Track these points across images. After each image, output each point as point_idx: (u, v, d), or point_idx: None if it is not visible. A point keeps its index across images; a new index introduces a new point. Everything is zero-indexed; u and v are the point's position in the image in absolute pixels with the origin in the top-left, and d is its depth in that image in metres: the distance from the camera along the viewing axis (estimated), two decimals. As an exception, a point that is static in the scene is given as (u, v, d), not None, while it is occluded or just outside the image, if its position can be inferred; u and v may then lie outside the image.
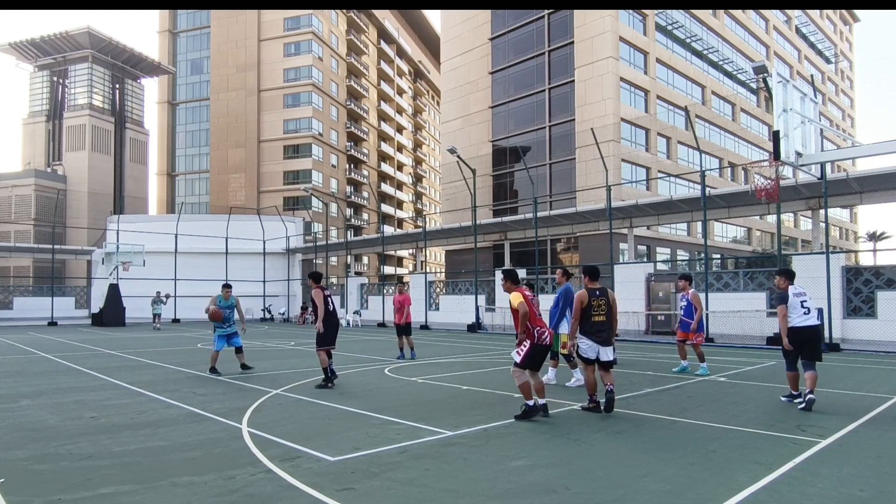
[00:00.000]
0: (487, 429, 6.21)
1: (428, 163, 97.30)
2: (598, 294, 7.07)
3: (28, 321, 33.71)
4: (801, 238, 57.35)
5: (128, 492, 4.24)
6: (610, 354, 7.08)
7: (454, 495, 4.15)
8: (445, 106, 52.12)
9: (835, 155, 10.12)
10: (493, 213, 44.60)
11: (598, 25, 40.04)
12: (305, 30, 64.70)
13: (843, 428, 6.17)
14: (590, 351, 7.04)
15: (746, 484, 4.32)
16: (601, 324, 7.04)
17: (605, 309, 7.07)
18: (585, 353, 7.08)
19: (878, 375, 10.51)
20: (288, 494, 4.17)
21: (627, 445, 5.53)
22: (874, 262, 56.62)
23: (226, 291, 11.26)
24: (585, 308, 7.04)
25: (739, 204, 25.44)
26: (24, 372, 11.49)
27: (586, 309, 7.04)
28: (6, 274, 55.17)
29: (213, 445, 5.60)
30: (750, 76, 51.12)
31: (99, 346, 17.91)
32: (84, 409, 7.55)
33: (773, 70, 8.67)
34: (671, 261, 40.88)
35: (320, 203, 58.29)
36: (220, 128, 66.90)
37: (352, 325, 30.26)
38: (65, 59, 71.26)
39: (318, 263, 42.23)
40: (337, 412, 7.22)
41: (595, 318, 7.03)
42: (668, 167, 43.96)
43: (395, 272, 74.03)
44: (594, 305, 7.04)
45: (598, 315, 7.04)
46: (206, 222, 41.77)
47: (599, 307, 7.05)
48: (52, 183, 67.28)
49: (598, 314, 7.04)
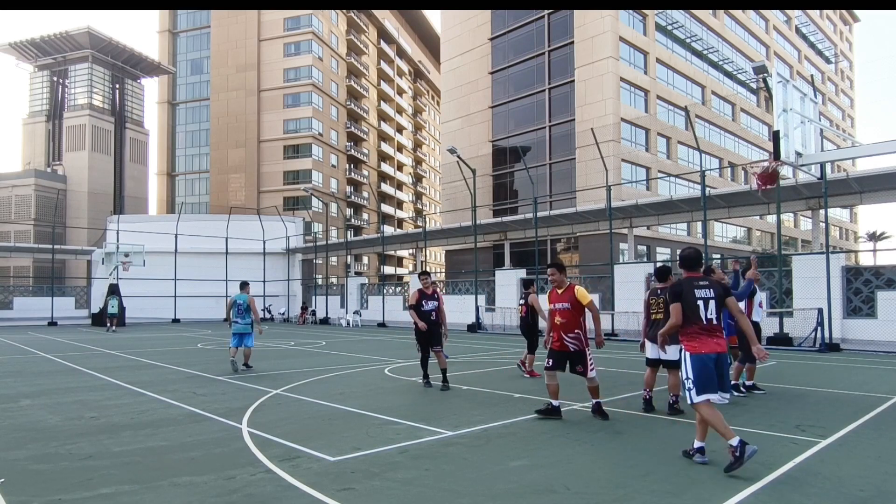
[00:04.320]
0: (487, 429, 6.21)
1: (428, 163, 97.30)
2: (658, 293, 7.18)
3: (28, 321, 33.69)
4: (801, 238, 57.34)
5: (128, 492, 4.24)
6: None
7: (454, 495, 4.15)
8: (445, 106, 52.12)
9: (835, 155, 10.12)
10: (493, 213, 44.59)
11: (598, 25, 40.03)
12: (305, 30, 64.71)
13: (843, 428, 6.17)
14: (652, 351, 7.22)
15: (746, 484, 4.32)
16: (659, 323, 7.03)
17: (663, 307, 7.01)
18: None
19: (878, 375, 10.51)
20: (288, 494, 4.17)
21: (627, 445, 5.53)
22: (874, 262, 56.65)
23: (244, 289, 11.67)
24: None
25: (739, 204, 25.43)
26: (24, 372, 11.49)
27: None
28: (6, 274, 55.16)
29: (213, 445, 5.60)
30: (750, 76, 51.09)
31: (99, 346, 17.91)
32: (84, 409, 7.55)
33: (773, 70, 8.67)
34: (671, 261, 40.85)
35: (320, 203, 58.27)
36: (220, 128, 66.90)
37: (352, 325, 30.26)
38: (65, 59, 71.28)
39: (318, 263, 42.24)
40: (337, 412, 7.22)
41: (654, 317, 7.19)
42: (668, 167, 43.96)
43: (395, 272, 74.02)
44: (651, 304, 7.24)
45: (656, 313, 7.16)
46: (206, 222, 41.76)
47: (658, 305, 7.15)
48: (52, 183, 67.29)
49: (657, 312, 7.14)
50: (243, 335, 11.27)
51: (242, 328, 11.26)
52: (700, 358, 4.81)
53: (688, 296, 4.97)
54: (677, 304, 4.98)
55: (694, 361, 4.83)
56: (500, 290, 27.57)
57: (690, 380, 4.82)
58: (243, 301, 11.34)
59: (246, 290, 11.55)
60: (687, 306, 4.95)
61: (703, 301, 4.94)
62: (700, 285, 5.02)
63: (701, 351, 4.83)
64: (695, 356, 4.84)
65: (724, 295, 5.05)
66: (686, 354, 4.90)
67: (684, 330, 4.98)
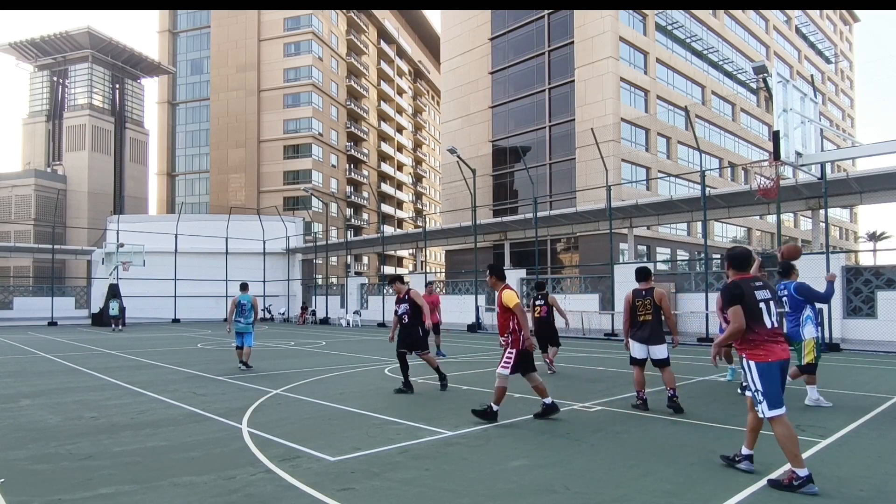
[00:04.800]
0: (487, 429, 6.21)
1: (428, 163, 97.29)
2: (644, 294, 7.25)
3: (28, 321, 33.71)
4: (801, 238, 57.32)
5: (128, 492, 4.24)
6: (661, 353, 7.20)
7: (454, 495, 4.15)
8: (445, 106, 52.11)
9: (835, 155, 10.13)
10: (492, 213, 44.59)
11: (598, 25, 40.03)
12: (305, 30, 64.71)
13: (843, 428, 6.17)
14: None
15: (746, 484, 4.32)
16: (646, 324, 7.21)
17: (650, 308, 7.17)
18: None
19: (878, 375, 10.51)
20: (288, 494, 4.17)
21: (627, 445, 5.53)
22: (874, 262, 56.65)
23: (246, 289, 12.03)
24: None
25: (739, 204, 25.43)
26: (24, 372, 11.49)
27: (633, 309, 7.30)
28: (6, 274, 55.19)
29: (213, 445, 5.60)
30: (750, 76, 51.09)
31: (99, 346, 17.91)
32: (84, 409, 7.55)
33: (773, 70, 8.67)
34: (671, 261, 40.86)
35: (320, 203, 58.28)
36: (220, 128, 66.90)
37: (352, 325, 30.26)
38: (65, 59, 71.28)
39: (318, 263, 42.24)
40: (337, 412, 7.22)
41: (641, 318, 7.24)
42: (668, 167, 43.95)
43: (395, 272, 74.03)
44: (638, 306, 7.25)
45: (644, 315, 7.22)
46: (206, 222, 41.77)
47: (645, 307, 7.20)
48: (52, 183, 67.29)
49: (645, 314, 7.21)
50: (244, 334, 11.56)
51: (244, 328, 11.55)
52: (769, 367, 4.41)
53: (749, 299, 4.48)
54: (738, 308, 4.47)
55: (762, 371, 4.41)
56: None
57: (760, 392, 4.41)
58: (248, 301, 11.66)
59: (247, 291, 11.89)
60: (749, 311, 4.46)
61: (764, 304, 4.51)
62: (757, 286, 4.58)
63: (768, 359, 4.42)
64: (762, 365, 4.42)
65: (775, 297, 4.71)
66: (751, 364, 4.47)
67: (747, 336, 4.49)
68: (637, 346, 7.28)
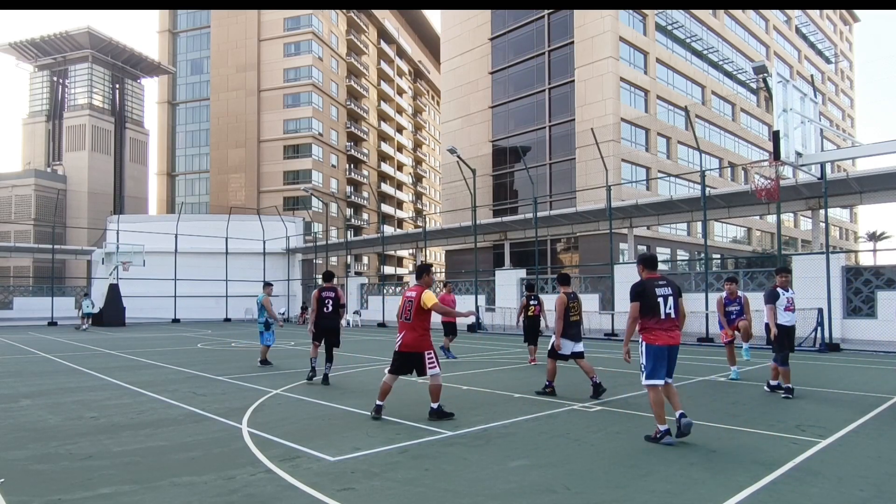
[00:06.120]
0: (487, 429, 6.21)
1: (428, 163, 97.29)
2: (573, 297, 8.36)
3: (28, 321, 33.70)
4: (801, 238, 57.34)
5: (128, 492, 4.24)
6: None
7: (454, 495, 4.15)
8: (445, 106, 52.12)
9: (835, 155, 10.13)
10: (493, 213, 44.59)
11: (598, 25, 40.04)
12: (305, 30, 64.71)
13: (843, 428, 6.17)
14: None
15: (746, 484, 4.32)
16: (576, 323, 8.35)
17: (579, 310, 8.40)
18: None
19: (878, 375, 10.51)
20: (288, 494, 4.17)
21: (627, 445, 5.53)
22: (874, 262, 56.65)
23: (264, 289, 12.33)
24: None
25: (739, 204, 25.43)
26: (24, 372, 11.49)
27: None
28: (6, 274, 55.20)
29: (213, 445, 5.60)
30: (750, 76, 51.11)
31: (99, 346, 17.91)
32: (84, 409, 7.55)
33: (773, 70, 8.67)
34: (671, 261, 40.86)
35: (320, 203, 58.29)
36: (220, 128, 66.91)
37: (352, 326, 30.26)
38: (65, 59, 71.30)
39: (319, 263, 42.24)
40: (337, 412, 7.22)
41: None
42: (668, 167, 43.96)
43: (395, 272, 74.03)
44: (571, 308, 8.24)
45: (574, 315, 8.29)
46: (206, 222, 41.76)
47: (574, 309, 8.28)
48: (52, 183, 67.30)
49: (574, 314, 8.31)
50: (259, 333, 12.22)
51: (258, 327, 12.26)
52: (658, 349, 5.56)
53: (650, 295, 5.59)
54: (637, 304, 5.63)
55: (649, 351, 5.60)
56: (500, 290, 27.57)
57: (644, 366, 5.62)
58: (258, 300, 12.11)
59: (264, 290, 12.30)
60: (648, 305, 5.59)
61: (662, 298, 5.60)
62: (660, 284, 5.66)
63: (657, 343, 5.56)
64: (651, 347, 5.58)
65: (679, 293, 5.79)
66: (644, 345, 5.63)
67: (644, 324, 5.62)
68: (569, 343, 8.28)
